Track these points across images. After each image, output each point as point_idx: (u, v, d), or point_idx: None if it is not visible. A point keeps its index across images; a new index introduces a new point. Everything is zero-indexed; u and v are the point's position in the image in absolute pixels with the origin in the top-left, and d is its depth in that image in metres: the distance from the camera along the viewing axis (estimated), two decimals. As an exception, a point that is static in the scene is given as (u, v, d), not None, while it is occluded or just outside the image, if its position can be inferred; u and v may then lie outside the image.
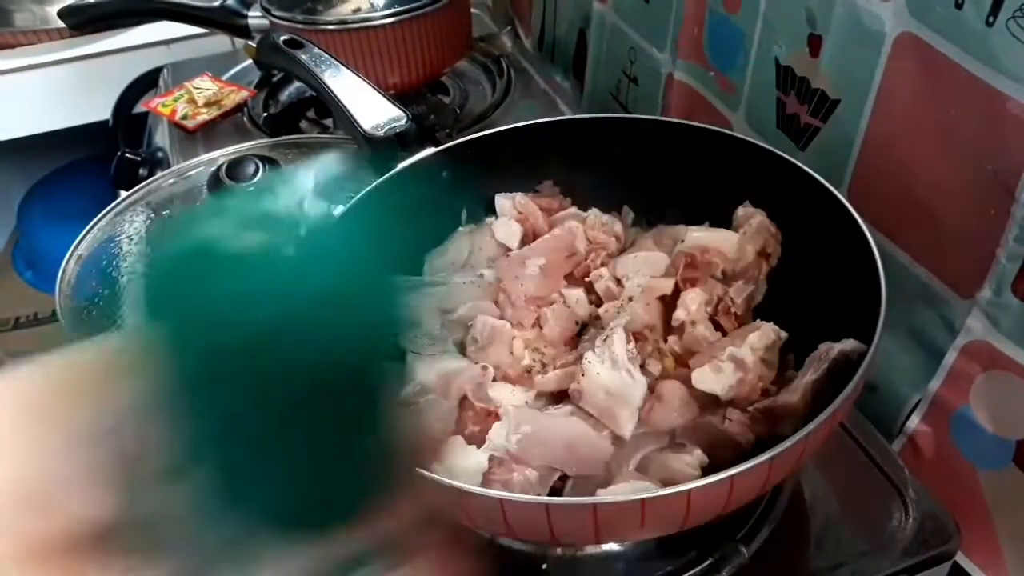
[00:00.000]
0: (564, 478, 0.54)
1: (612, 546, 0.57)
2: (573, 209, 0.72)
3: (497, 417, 0.55)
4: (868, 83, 0.62)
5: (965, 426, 0.59)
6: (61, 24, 1.05)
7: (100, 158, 1.18)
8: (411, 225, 0.68)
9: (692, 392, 0.56)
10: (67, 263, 0.80)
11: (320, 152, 0.91)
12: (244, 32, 0.99)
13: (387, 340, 0.25)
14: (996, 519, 0.59)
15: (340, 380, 0.23)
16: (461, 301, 0.64)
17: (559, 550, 0.57)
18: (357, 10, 0.99)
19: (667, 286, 0.62)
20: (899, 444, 0.65)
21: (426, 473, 0.47)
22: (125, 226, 0.86)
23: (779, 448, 0.44)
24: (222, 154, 0.92)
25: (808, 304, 0.59)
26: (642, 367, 0.57)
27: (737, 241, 0.63)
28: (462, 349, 0.63)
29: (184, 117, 1.08)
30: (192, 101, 1.10)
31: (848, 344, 0.53)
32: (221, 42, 1.28)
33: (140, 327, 0.24)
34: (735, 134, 0.67)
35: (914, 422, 0.64)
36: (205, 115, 1.08)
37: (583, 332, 0.65)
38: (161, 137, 1.11)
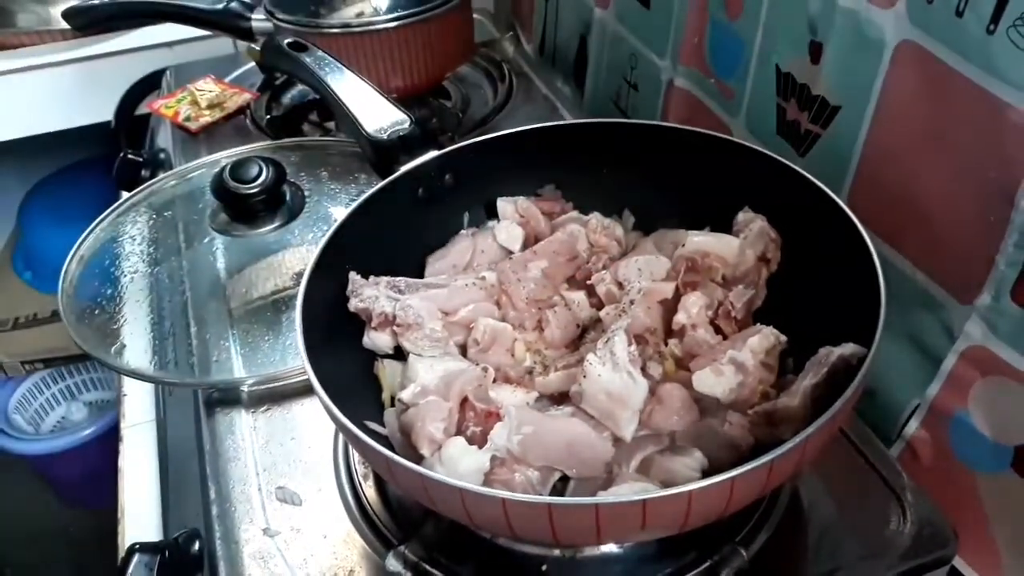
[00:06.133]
0: (565, 479, 0.54)
1: (611, 548, 0.57)
2: (574, 213, 0.72)
3: (498, 418, 0.55)
4: (869, 90, 0.62)
5: (963, 431, 0.60)
6: (64, 25, 1.05)
7: (102, 159, 1.18)
8: (413, 227, 0.69)
9: (692, 395, 0.56)
10: (69, 264, 0.80)
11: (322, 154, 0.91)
12: (248, 35, 0.99)
13: None
14: (994, 524, 0.59)
15: None
16: (463, 303, 0.64)
17: (558, 551, 0.57)
18: (360, 14, 0.99)
19: (668, 290, 0.62)
20: (897, 449, 0.66)
21: (428, 473, 0.47)
22: (127, 227, 0.86)
23: (780, 451, 0.44)
24: (225, 156, 0.93)
25: (808, 309, 0.60)
26: (643, 369, 0.57)
27: (737, 246, 0.64)
28: (463, 351, 0.64)
29: (187, 119, 1.08)
30: (195, 103, 1.11)
31: (848, 348, 0.53)
32: (224, 44, 1.28)
33: None
34: (735, 139, 0.68)
35: (912, 427, 0.64)
36: (208, 117, 1.09)
37: (584, 335, 0.65)
38: (164, 139, 1.11)
